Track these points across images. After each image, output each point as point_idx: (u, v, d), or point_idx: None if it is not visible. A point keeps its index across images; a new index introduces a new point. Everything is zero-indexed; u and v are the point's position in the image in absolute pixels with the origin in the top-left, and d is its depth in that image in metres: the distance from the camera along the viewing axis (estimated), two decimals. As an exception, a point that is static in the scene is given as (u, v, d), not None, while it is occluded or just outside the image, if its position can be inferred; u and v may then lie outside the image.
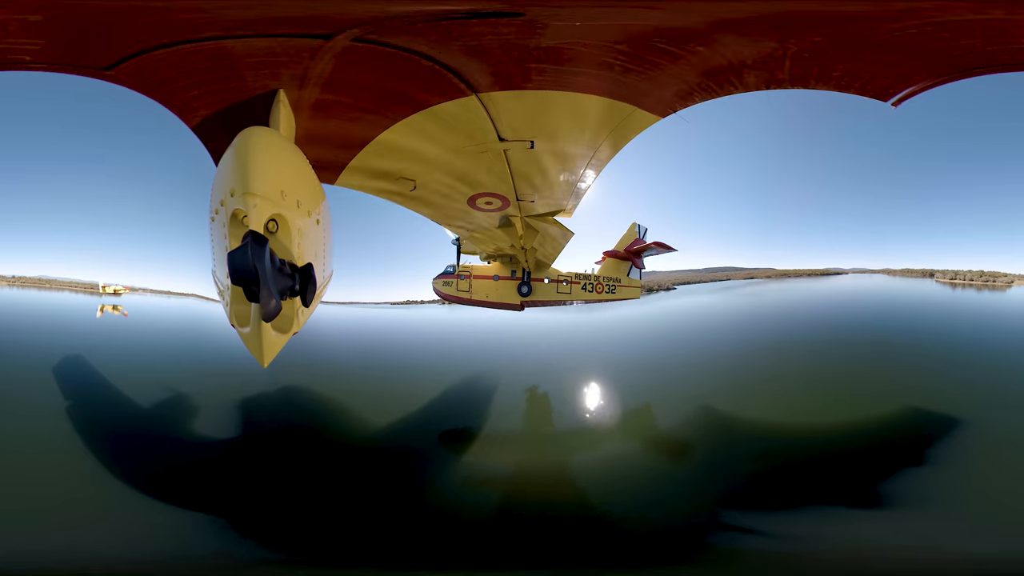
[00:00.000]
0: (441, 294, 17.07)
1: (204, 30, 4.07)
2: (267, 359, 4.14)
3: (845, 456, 12.53)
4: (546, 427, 17.60)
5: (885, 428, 13.78)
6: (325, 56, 4.41)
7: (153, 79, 4.67)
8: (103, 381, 17.48)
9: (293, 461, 13.77)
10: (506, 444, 15.51)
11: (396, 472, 13.67)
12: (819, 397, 16.18)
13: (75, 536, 9.69)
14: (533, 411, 18.22)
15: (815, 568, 9.03)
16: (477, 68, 4.57)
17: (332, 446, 14.96)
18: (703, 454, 14.34)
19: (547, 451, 15.20)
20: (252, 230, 3.70)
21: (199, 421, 15.61)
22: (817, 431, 14.15)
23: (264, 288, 3.65)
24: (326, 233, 5.42)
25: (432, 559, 10.04)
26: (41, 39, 4.13)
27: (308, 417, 16.75)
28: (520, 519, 11.32)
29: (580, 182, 7.27)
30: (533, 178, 7.11)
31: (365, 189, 7.23)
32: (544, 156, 6.37)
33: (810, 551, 9.31)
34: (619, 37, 4.19)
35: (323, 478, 12.99)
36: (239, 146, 4.03)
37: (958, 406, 13.62)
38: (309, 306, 4.45)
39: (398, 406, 17.07)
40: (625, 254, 17.19)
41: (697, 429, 15.46)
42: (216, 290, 5.40)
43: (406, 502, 12.09)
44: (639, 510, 11.56)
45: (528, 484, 13.33)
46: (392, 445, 15.56)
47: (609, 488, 12.65)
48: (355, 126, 5.63)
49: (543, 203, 8.24)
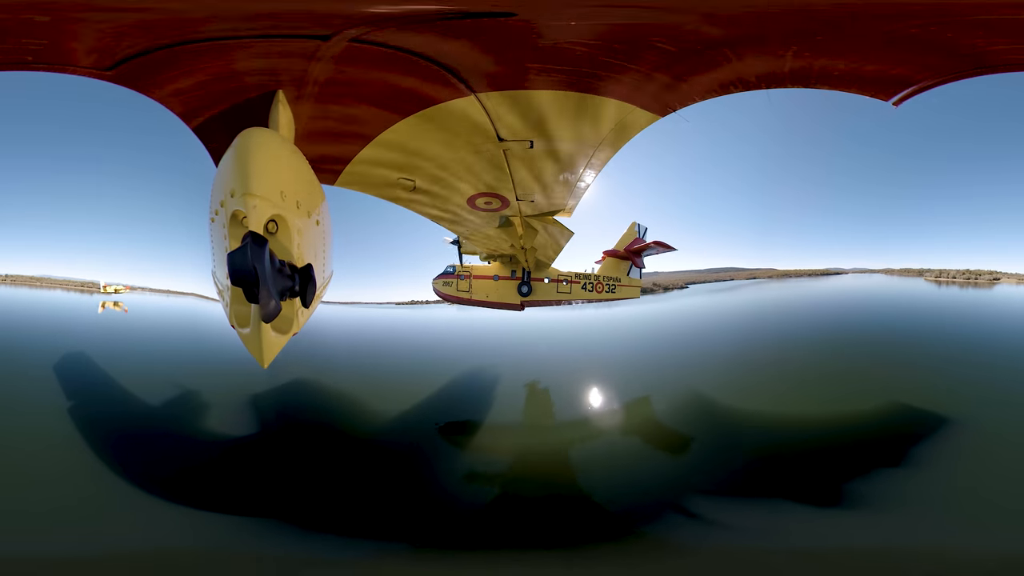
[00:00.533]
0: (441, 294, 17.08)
1: (204, 31, 4.08)
2: (267, 360, 4.14)
3: (829, 449, 12.80)
4: (547, 420, 17.78)
5: (870, 421, 14.10)
6: (323, 57, 4.41)
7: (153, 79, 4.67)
8: (106, 378, 17.64)
9: (308, 453, 13.97)
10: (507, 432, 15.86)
11: (403, 461, 14.03)
12: (814, 393, 16.54)
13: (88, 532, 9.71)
14: (532, 406, 18.45)
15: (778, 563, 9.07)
16: (475, 68, 4.57)
17: (343, 439, 15.21)
18: (693, 444, 14.78)
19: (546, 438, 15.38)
20: (252, 231, 3.71)
21: (210, 417, 15.77)
22: (809, 423, 14.45)
23: (264, 289, 3.65)
24: (326, 234, 5.42)
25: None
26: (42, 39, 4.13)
27: (318, 412, 16.97)
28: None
29: (580, 182, 7.27)
30: (532, 178, 7.11)
31: (364, 190, 7.23)
32: (543, 156, 6.37)
33: (772, 547, 9.37)
34: (617, 36, 4.19)
35: (337, 468, 13.34)
36: (239, 147, 4.04)
37: (935, 399, 14.02)
38: (309, 307, 4.45)
39: (401, 400, 17.48)
40: (625, 253, 17.20)
41: (691, 418, 15.87)
42: (216, 291, 5.41)
43: (413, 487, 12.44)
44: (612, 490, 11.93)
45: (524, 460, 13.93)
46: (396, 437, 15.83)
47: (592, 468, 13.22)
48: (354, 126, 5.63)
49: (543, 203, 8.24)
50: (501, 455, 14.41)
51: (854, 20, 3.96)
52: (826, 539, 9.65)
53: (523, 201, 8.09)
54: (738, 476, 12.27)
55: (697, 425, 15.57)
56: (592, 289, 16.86)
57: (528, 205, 8.38)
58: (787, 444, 13.63)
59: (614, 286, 17.09)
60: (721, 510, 10.88)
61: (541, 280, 16.36)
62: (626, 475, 12.86)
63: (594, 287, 16.89)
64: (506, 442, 15.34)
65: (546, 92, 4.95)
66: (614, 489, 12.23)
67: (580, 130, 5.72)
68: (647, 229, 17.71)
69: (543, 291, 16.34)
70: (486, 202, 8.17)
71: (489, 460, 14.16)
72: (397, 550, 9.93)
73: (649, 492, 11.84)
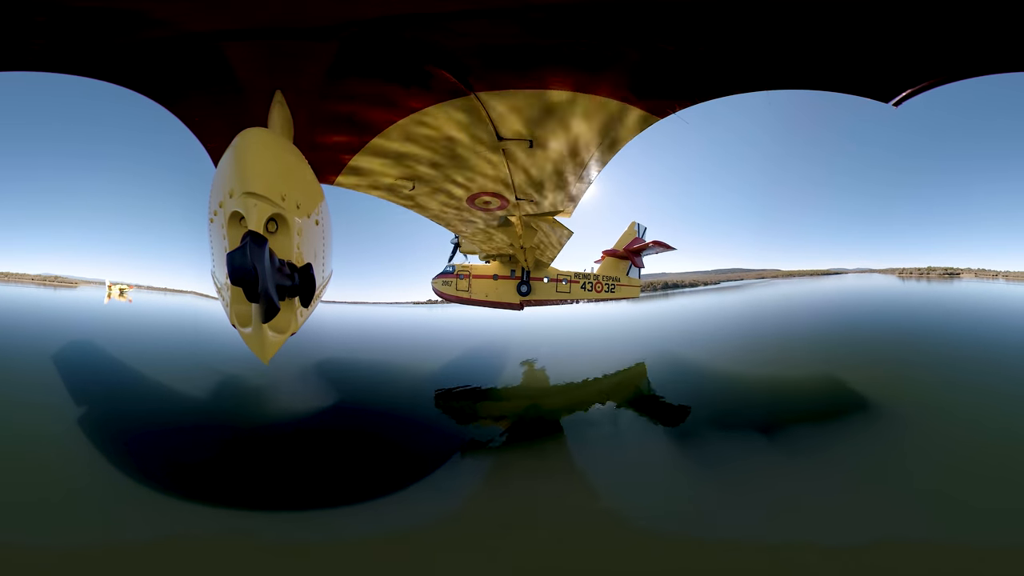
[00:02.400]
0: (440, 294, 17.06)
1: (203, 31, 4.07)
2: (267, 357, 4.15)
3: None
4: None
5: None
6: (322, 57, 4.41)
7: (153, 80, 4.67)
8: (112, 371, 17.91)
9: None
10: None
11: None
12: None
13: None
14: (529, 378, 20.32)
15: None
16: (475, 68, 4.57)
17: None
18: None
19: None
20: (251, 230, 3.70)
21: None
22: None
23: (264, 288, 3.64)
24: (325, 233, 5.42)
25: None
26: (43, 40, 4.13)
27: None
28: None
29: (579, 181, 7.27)
30: (532, 177, 7.11)
31: (364, 189, 7.23)
32: (543, 155, 6.37)
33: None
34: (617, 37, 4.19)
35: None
36: (238, 147, 4.03)
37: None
38: (308, 306, 4.45)
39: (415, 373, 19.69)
40: (624, 253, 17.20)
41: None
42: (216, 290, 5.40)
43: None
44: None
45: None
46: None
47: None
48: (353, 126, 5.62)
49: (542, 202, 8.23)
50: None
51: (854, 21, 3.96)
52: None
53: (523, 201, 8.09)
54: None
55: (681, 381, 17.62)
56: (591, 289, 16.86)
57: (527, 205, 8.38)
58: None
59: (613, 286, 17.09)
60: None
61: (540, 280, 16.36)
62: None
63: (593, 287, 16.88)
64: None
65: (546, 92, 4.95)
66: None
67: (580, 130, 5.72)
68: (647, 229, 17.72)
69: (542, 291, 16.33)
70: (485, 202, 8.17)
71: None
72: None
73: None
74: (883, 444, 10.91)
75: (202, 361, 18.33)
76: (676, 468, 10.95)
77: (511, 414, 15.15)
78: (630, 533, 8.48)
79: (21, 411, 12.97)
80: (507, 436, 13.34)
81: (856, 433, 11.48)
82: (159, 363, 17.90)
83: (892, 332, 21.60)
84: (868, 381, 14.24)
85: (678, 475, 10.72)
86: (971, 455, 10.10)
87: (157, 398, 15.66)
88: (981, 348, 17.80)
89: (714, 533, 8.26)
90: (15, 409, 13.01)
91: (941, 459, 10.04)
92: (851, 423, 12.00)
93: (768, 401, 14.27)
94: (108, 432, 12.33)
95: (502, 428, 13.99)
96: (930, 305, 29.58)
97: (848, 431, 11.58)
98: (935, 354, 17.48)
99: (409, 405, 15.89)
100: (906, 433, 11.30)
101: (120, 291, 38.30)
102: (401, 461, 11.62)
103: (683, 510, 9.12)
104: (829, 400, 13.63)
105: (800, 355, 18.97)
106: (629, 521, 8.78)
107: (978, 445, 10.52)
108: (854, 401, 13.21)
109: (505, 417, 14.90)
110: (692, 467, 10.99)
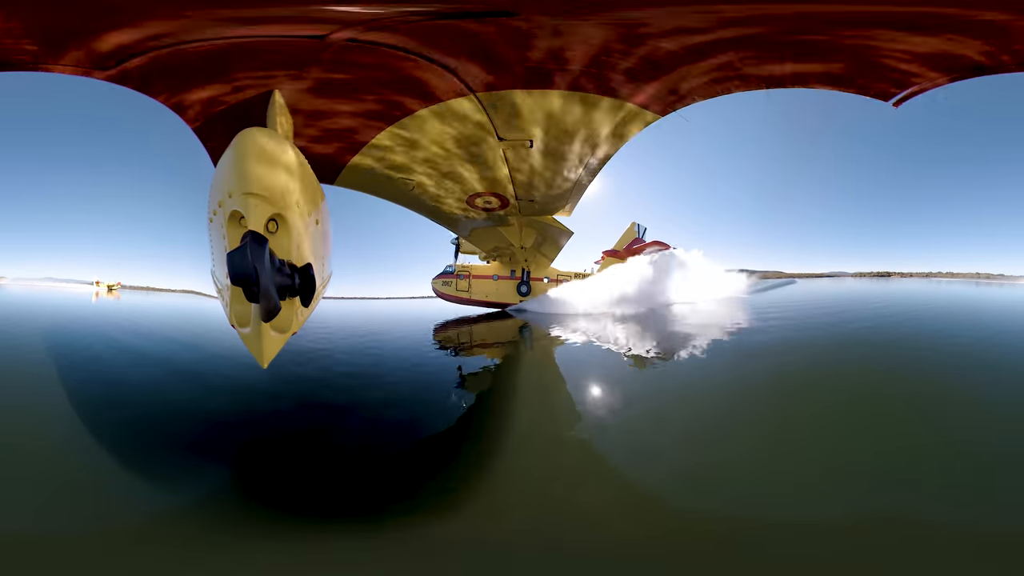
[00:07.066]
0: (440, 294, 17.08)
1: (202, 31, 4.07)
2: (267, 359, 4.14)
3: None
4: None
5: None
6: (321, 56, 4.41)
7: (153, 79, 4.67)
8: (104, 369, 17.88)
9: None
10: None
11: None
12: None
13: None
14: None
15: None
16: (474, 67, 4.57)
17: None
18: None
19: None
20: (251, 230, 3.71)
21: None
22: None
23: (264, 288, 3.65)
24: (325, 233, 5.42)
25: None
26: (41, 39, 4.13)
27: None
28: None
29: (579, 181, 7.27)
30: (532, 177, 7.11)
31: (364, 189, 7.24)
32: (543, 155, 6.38)
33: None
34: (617, 36, 4.19)
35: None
36: (237, 146, 4.03)
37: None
38: (308, 306, 4.45)
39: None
40: (624, 253, 17.22)
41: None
42: (215, 290, 5.41)
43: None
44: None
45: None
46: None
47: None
48: (353, 126, 5.63)
49: (542, 202, 8.24)
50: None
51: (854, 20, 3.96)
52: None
53: (522, 201, 8.10)
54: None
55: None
56: (592, 289, 16.89)
57: (527, 205, 8.39)
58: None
59: (614, 286, 17.12)
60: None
61: (540, 280, 16.37)
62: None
63: (594, 287, 16.92)
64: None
65: (546, 92, 4.96)
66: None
67: (580, 130, 5.73)
68: (647, 229, 17.74)
69: (542, 291, 16.35)
70: (485, 202, 8.17)
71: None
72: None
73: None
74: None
75: (196, 356, 18.48)
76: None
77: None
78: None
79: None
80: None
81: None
82: (144, 358, 18.01)
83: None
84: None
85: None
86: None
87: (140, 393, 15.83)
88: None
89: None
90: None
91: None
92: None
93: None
94: (91, 430, 12.48)
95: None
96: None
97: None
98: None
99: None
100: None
101: (108, 288, 39.45)
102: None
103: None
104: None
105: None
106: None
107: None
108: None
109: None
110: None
